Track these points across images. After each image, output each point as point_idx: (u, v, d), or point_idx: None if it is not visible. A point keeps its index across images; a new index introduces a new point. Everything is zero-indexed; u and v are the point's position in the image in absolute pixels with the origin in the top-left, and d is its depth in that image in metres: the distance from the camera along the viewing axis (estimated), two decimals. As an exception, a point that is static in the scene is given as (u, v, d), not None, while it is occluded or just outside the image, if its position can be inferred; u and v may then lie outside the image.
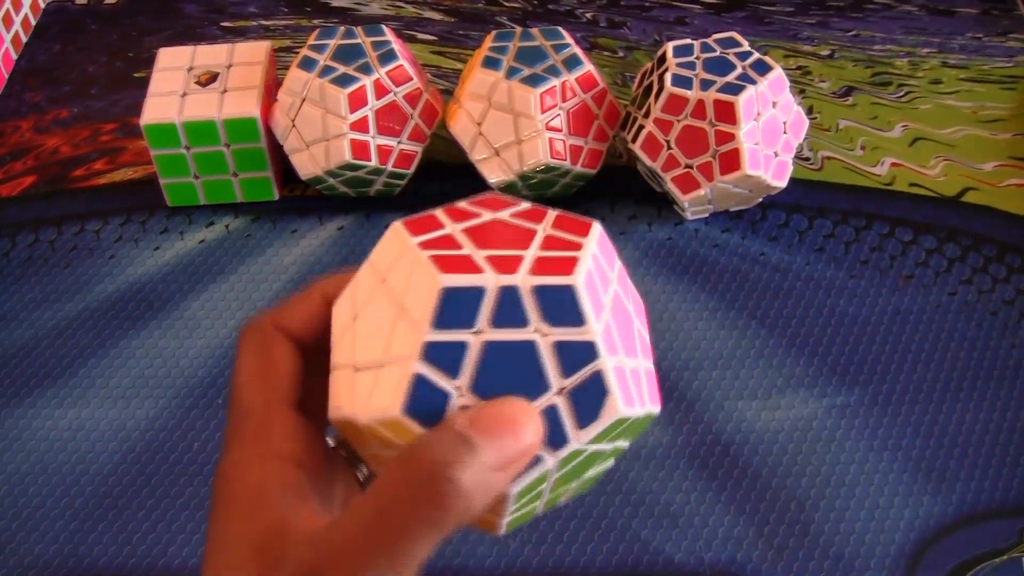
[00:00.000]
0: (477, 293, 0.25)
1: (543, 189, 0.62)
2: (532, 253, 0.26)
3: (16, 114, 0.73)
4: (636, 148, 0.60)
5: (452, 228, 0.27)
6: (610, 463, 0.30)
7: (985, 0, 0.80)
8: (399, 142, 0.61)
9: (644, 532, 0.49)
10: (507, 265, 0.26)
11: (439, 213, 0.28)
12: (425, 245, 0.26)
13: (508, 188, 0.61)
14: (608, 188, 0.65)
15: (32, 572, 0.49)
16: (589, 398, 0.26)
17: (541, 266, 0.26)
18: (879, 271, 0.60)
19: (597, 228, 0.28)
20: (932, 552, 0.48)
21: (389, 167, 0.60)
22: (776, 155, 0.59)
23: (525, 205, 0.29)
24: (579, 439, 0.26)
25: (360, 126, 0.59)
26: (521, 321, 0.25)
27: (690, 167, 0.59)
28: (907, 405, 0.54)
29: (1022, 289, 0.59)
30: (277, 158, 0.64)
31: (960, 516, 0.50)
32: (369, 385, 0.26)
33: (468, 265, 0.26)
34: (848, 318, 0.58)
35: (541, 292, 0.25)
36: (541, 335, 0.25)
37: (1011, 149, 0.68)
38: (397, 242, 0.27)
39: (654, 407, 0.28)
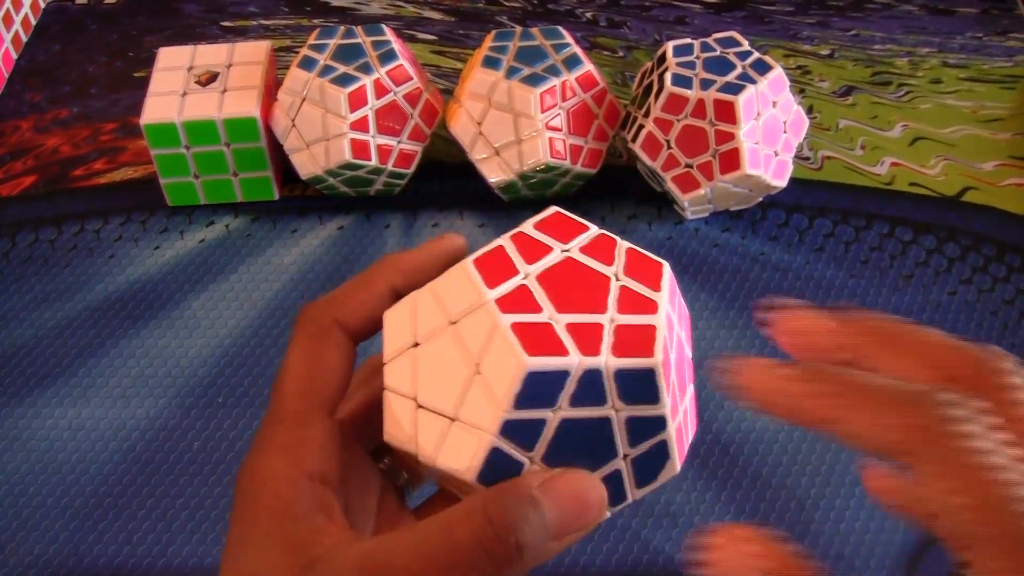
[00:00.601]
0: (561, 376, 0.25)
1: (543, 188, 0.62)
2: (611, 318, 0.26)
3: (16, 114, 0.72)
4: (636, 147, 0.60)
5: (525, 273, 0.27)
6: None
7: (985, 0, 0.80)
8: (399, 142, 0.61)
9: (644, 532, 0.49)
10: (589, 341, 0.26)
11: (507, 245, 0.28)
12: (504, 305, 0.26)
13: (508, 187, 0.61)
14: (608, 188, 0.65)
15: (32, 572, 0.49)
16: (652, 463, 0.27)
17: (622, 342, 0.26)
18: (879, 271, 0.60)
19: (667, 273, 0.28)
20: (932, 552, 0.48)
21: (389, 167, 0.61)
22: (776, 155, 0.59)
23: (593, 232, 0.28)
24: (634, 496, 0.27)
25: (360, 126, 0.59)
26: (600, 400, 0.26)
27: (690, 166, 0.59)
28: (907, 405, 0.54)
29: (1022, 289, 0.59)
30: (277, 158, 0.64)
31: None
32: (436, 432, 0.26)
33: (551, 342, 0.25)
34: (848, 318, 0.58)
35: (622, 375, 0.26)
36: (615, 412, 0.26)
37: (1011, 148, 0.68)
38: (470, 286, 0.27)
39: (694, 438, 0.30)
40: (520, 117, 0.59)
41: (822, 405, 0.23)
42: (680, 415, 0.28)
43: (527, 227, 0.28)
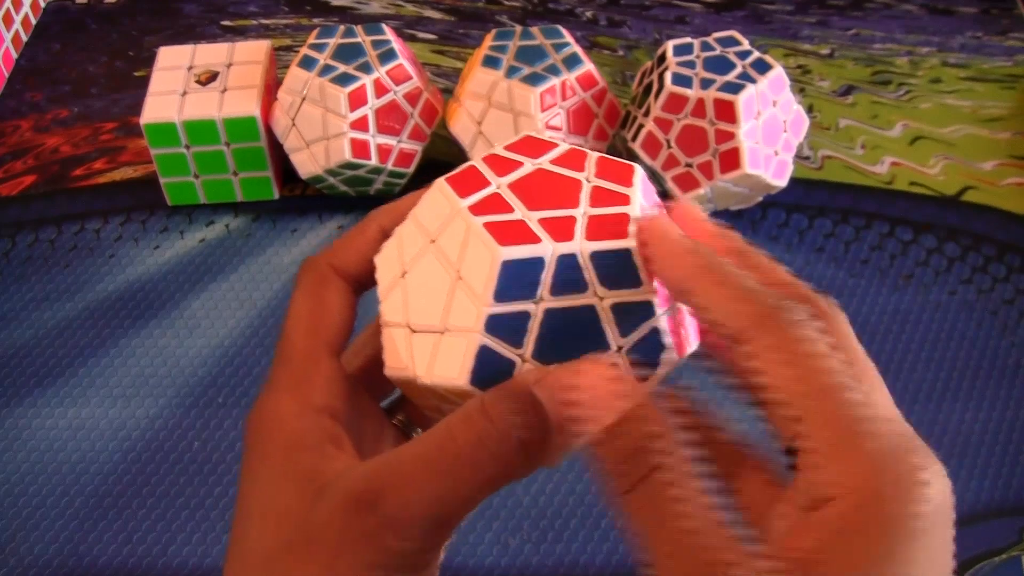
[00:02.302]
0: (537, 263, 0.25)
1: (543, 188, 0.62)
2: (583, 212, 0.26)
3: (16, 114, 0.73)
4: (636, 147, 0.60)
5: (497, 184, 0.27)
6: None
7: (985, 0, 0.80)
8: (399, 141, 0.61)
9: (644, 531, 0.49)
10: (562, 230, 0.26)
11: (480, 165, 0.28)
12: (476, 209, 0.26)
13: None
14: (608, 187, 0.64)
15: (32, 572, 0.49)
16: (647, 353, 0.26)
17: (595, 228, 0.26)
18: (879, 271, 0.60)
19: (640, 173, 0.28)
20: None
21: (389, 166, 0.60)
22: (776, 154, 0.59)
23: (563, 148, 0.29)
24: None
25: (360, 125, 0.59)
26: (581, 287, 0.26)
27: (690, 166, 0.59)
28: (906, 405, 0.54)
29: (1022, 289, 0.59)
30: (277, 157, 0.64)
31: (960, 515, 0.50)
32: (429, 349, 0.27)
33: (524, 233, 0.26)
34: (848, 318, 0.58)
35: (598, 257, 0.26)
36: (599, 299, 0.26)
37: (1011, 148, 0.68)
38: (444, 201, 0.27)
39: (696, 343, 0.29)
40: (520, 116, 0.59)
41: (692, 273, 0.25)
42: (673, 310, 0.27)
43: (498, 149, 0.29)
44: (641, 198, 0.27)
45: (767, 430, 0.26)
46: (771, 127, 0.58)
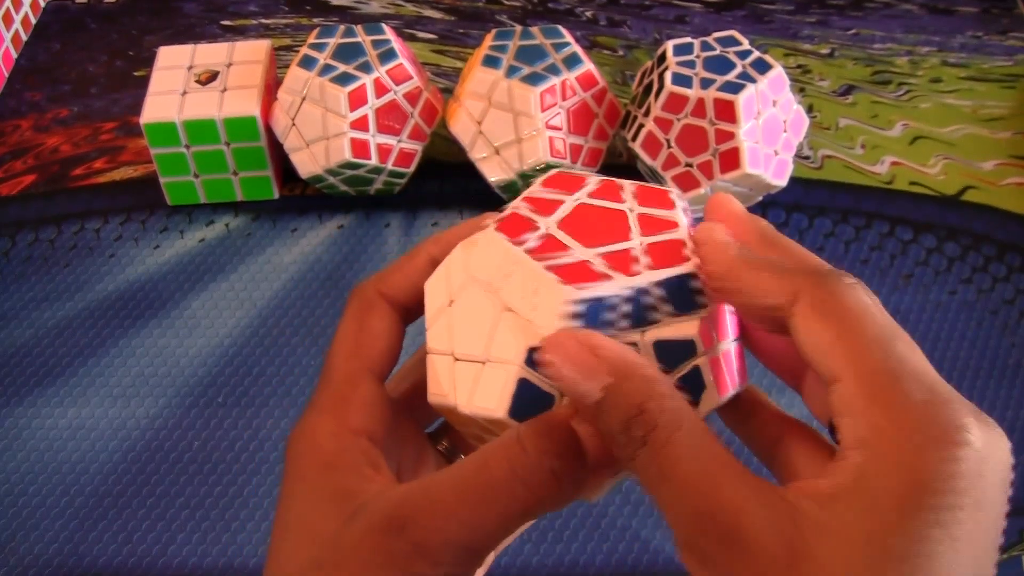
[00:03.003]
0: (606, 302, 0.25)
1: (543, 188, 0.62)
2: (638, 242, 0.27)
3: (16, 113, 0.72)
4: (636, 147, 0.60)
5: (546, 225, 0.27)
6: None
7: (985, -1, 0.80)
8: (399, 141, 0.61)
9: (644, 531, 0.49)
10: (623, 263, 0.26)
11: (521, 208, 0.28)
12: (535, 253, 0.26)
13: (508, 187, 0.61)
14: (608, 187, 0.64)
15: (32, 572, 0.49)
16: (688, 391, 0.26)
17: (656, 256, 0.26)
18: (879, 271, 0.60)
19: (678, 195, 0.28)
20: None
21: (389, 166, 0.60)
22: (776, 154, 0.59)
23: (596, 181, 0.29)
24: None
25: (360, 125, 0.59)
26: (650, 320, 0.26)
27: (690, 166, 0.59)
28: (907, 404, 0.54)
29: (1022, 288, 0.59)
30: (277, 157, 0.64)
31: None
32: (471, 378, 0.27)
33: (588, 273, 0.26)
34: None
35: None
36: (641, 335, 0.26)
37: (1011, 148, 0.68)
38: (499, 250, 0.27)
39: (742, 385, 0.28)
40: (520, 116, 0.59)
41: (732, 265, 0.25)
42: (716, 351, 0.27)
43: (533, 190, 0.29)
44: (685, 222, 0.27)
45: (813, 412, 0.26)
46: (771, 127, 0.58)
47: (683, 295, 0.26)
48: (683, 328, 0.26)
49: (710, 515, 0.22)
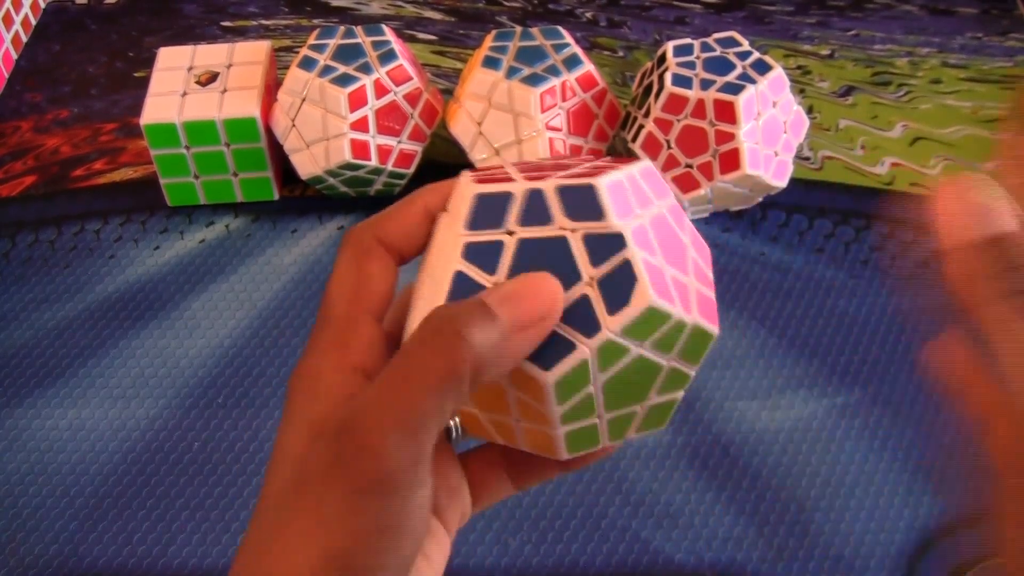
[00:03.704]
0: (505, 196, 0.27)
1: (543, 189, 0.62)
2: (569, 172, 0.28)
3: (16, 114, 0.73)
4: (636, 148, 0.60)
5: (511, 169, 0.29)
6: (678, 394, 0.30)
7: (985, 0, 0.80)
8: (399, 142, 0.61)
9: (644, 532, 0.49)
10: (539, 179, 0.28)
11: (506, 165, 0.30)
12: (477, 178, 0.29)
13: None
14: (608, 188, 0.64)
15: (32, 572, 0.49)
16: (619, 285, 0.27)
17: (571, 177, 0.27)
18: (879, 271, 0.60)
19: (645, 162, 0.29)
20: (932, 552, 0.48)
21: (389, 167, 0.60)
22: (776, 155, 0.59)
23: (596, 162, 0.30)
24: (611, 327, 0.27)
25: (360, 126, 0.59)
26: (546, 219, 0.27)
27: (690, 167, 0.59)
28: (907, 405, 0.54)
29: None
30: (277, 158, 0.64)
31: (961, 516, 0.50)
32: (428, 295, 0.28)
33: (505, 180, 0.28)
34: (848, 318, 0.58)
35: (564, 192, 0.27)
36: (569, 230, 0.27)
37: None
38: (466, 188, 0.29)
39: (709, 325, 0.28)
40: (520, 117, 0.59)
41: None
42: (668, 274, 0.28)
43: (533, 158, 0.31)
44: (635, 173, 0.28)
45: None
46: (771, 128, 0.58)
47: (580, 204, 0.27)
48: (607, 224, 0.27)
49: None
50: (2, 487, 0.52)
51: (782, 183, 0.60)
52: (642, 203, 0.28)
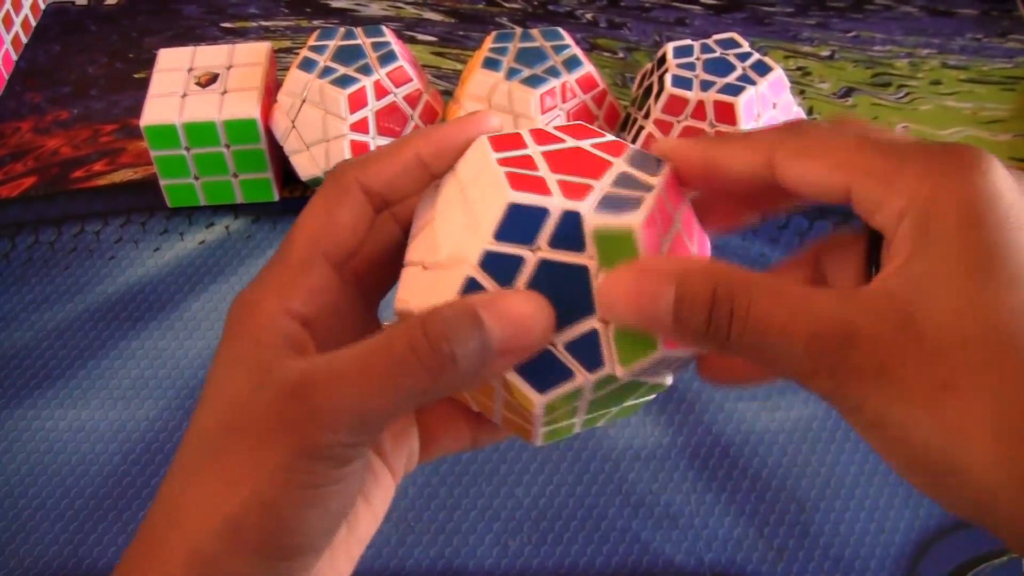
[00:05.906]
0: (541, 212, 0.26)
1: (543, 190, 0.62)
2: (602, 184, 0.27)
3: (16, 115, 0.73)
4: (636, 149, 0.60)
5: (533, 149, 0.28)
6: (651, 395, 0.30)
7: (985, 1, 0.80)
8: (399, 143, 0.61)
9: (644, 533, 0.49)
10: (576, 192, 0.26)
11: (524, 133, 0.29)
12: (504, 162, 0.27)
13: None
14: (608, 189, 0.64)
15: (32, 573, 0.49)
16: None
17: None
18: (879, 272, 0.60)
19: (667, 169, 0.28)
20: (932, 552, 0.48)
21: (389, 168, 0.60)
22: (776, 156, 0.59)
23: (608, 137, 0.29)
24: (617, 371, 0.27)
25: (360, 127, 0.59)
26: (577, 245, 0.26)
27: (690, 168, 0.59)
28: (907, 406, 0.54)
29: None
30: (277, 159, 0.64)
31: (961, 517, 0.50)
32: (429, 282, 0.27)
33: (539, 186, 0.26)
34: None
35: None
36: (595, 263, 0.26)
37: (1011, 150, 0.68)
38: (480, 155, 0.28)
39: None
40: (520, 118, 0.59)
41: (707, 149, 0.28)
42: None
43: (547, 126, 0.30)
44: (663, 191, 0.28)
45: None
46: (771, 129, 0.58)
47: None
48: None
49: (822, 335, 0.23)
50: (2, 488, 0.52)
51: (782, 184, 0.59)
52: (665, 227, 0.27)
